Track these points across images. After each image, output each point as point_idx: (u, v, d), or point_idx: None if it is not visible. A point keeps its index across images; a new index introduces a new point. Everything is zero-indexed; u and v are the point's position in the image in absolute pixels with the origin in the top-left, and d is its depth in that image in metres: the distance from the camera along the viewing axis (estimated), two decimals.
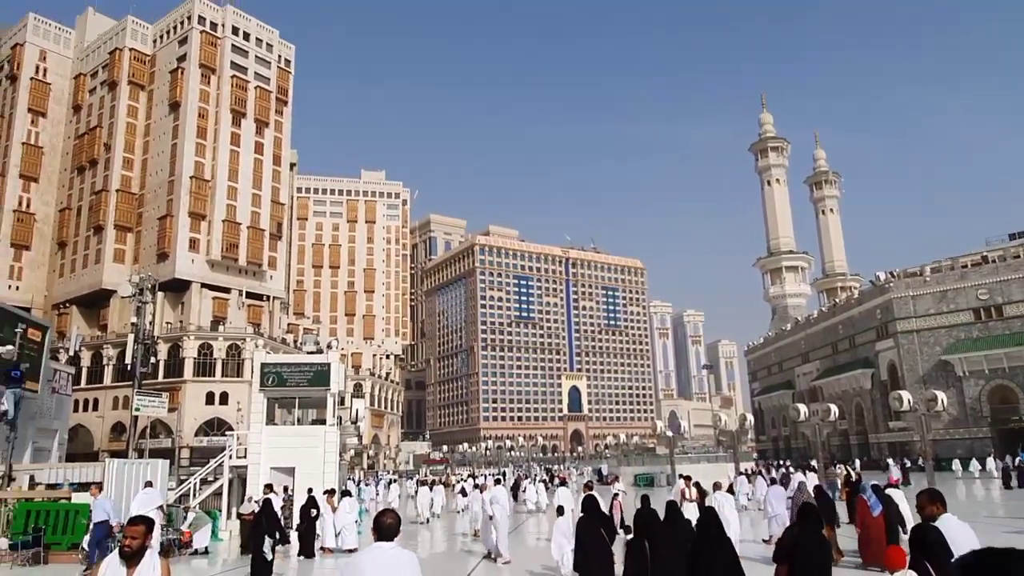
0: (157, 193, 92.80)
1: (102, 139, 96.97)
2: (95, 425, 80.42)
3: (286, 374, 25.53)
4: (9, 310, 43.94)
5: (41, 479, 25.00)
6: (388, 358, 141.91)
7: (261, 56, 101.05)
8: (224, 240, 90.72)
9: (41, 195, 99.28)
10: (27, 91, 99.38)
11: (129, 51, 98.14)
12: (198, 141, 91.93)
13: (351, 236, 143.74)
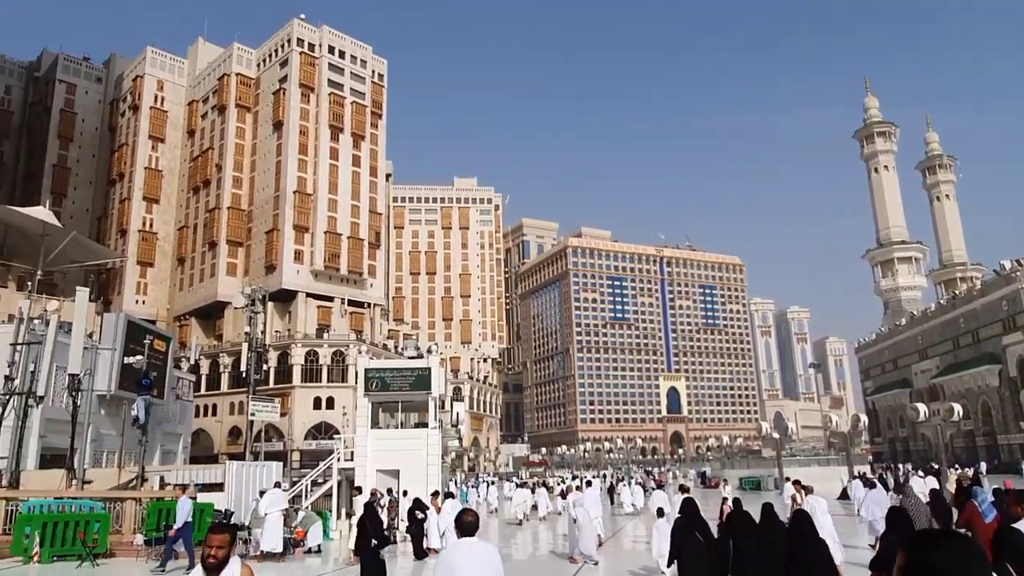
0: (264, 208, 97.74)
1: (214, 160, 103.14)
2: (214, 429, 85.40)
3: (389, 379, 26.26)
4: (138, 323, 47.39)
5: (170, 480, 26.77)
6: (485, 361, 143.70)
7: (356, 72, 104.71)
8: (326, 251, 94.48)
9: (162, 215, 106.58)
10: (147, 119, 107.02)
11: (235, 76, 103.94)
12: (300, 157, 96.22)
13: (446, 242, 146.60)
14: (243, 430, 79.77)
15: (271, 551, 18.19)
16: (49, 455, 35.36)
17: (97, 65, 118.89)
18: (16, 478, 23.23)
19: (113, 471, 28.21)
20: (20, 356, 25.26)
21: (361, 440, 26.24)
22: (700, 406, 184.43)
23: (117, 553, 18.60)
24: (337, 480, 26.27)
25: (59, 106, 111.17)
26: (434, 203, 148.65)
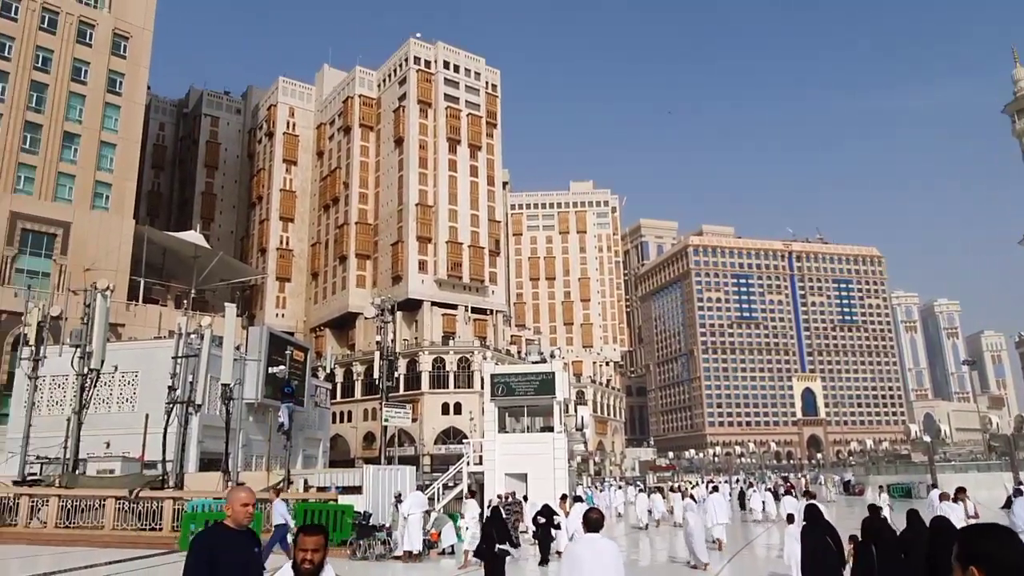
0: (389, 222, 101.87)
1: (341, 179, 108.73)
2: (350, 435, 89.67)
3: (514, 384, 26.60)
4: (280, 335, 50.59)
5: (313, 483, 28.35)
6: (607, 365, 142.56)
7: (470, 85, 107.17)
8: (449, 260, 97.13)
9: (296, 233, 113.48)
10: (281, 144, 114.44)
11: (358, 98, 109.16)
12: (420, 171, 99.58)
13: (564, 247, 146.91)
14: (377, 435, 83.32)
15: (413, 551, 18.80)
16: (207, 459, 38.35)
17: (236, 98, 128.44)
18: (180, 479, 25.39)
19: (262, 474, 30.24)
20: (180, 368, 27.62)
21: (489, 444, 26.72)
22: (839, 408, 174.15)
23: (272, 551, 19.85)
24: (467, 483, 26.89)
25: (205, 138, 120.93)
26: (551, 208, 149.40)
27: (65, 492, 23.19)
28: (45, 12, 74.27)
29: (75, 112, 74.75)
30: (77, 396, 27.71)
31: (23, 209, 69.79)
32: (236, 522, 4.74)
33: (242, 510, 4.72)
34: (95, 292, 27.81)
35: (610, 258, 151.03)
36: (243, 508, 4.72)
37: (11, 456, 31.55)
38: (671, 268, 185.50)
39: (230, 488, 4.63)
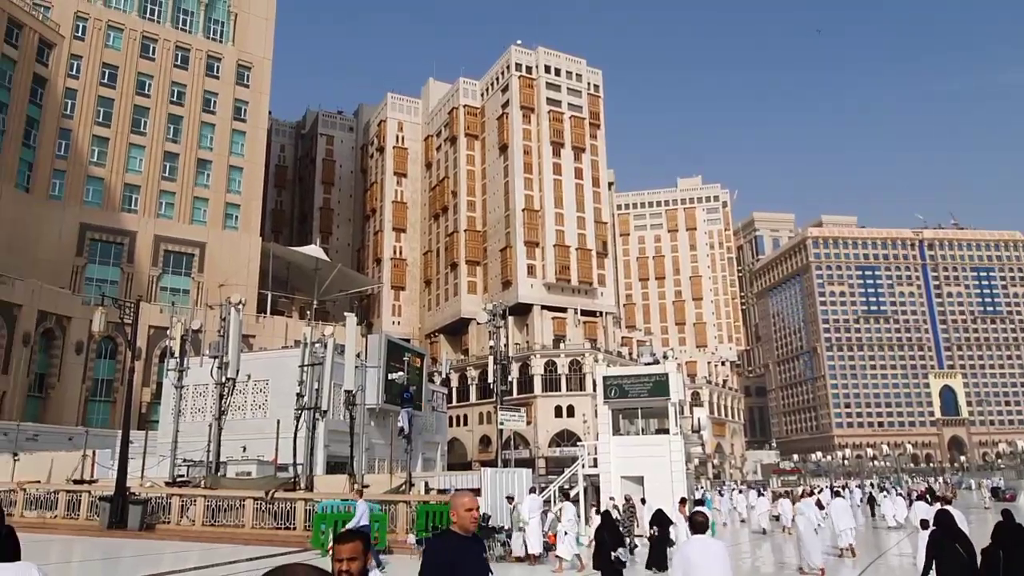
0: (496, 228, 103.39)
1: (449, 188, 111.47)
2: (466, 438, 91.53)
3: (627, 386, 26.33)
4: (397, 342, 52.41)
5: (433, 485, 29.17)
6: (723, 365, 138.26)
7: (572, 87, 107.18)
8: (556, 263, 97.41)
9: (408, 242, 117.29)
10: (391, 158, 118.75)
11: (463, 108, 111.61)
12: (526, 176, 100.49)
13: (673, 245, 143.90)
14: (492, 438, 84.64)
15: (535, 553, 18.91)
16: (333, 462, 40.29)
17: (349, 116, 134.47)
18: (310, 482, 26.80)
19: (385, 477, 31.41)
20: (306, 376, 29.19)
21: (603, 447, 26.57)
22: (985, 407, 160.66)
23: (394, 550, 20.63)
24: (583, 486, 26.84)
25: (321, 156, 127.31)
26: (658, 207, 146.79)
27: (209, 493, 25.02)
28: (178, 50, 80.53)
29: (206, 140, 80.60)
30: (216, 403, 29.85)
31: (165, 232, 75.88)
32: (463, 528, 4.64)
33: (468, 515, 4.64)
34: (229, 306, 29.86)
35: (722, 255, 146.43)
36: (468, 513, 4.65)
37: (162, 459, 34.36)
38: (789, 262, 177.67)
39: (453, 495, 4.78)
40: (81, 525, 25.13)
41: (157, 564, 18.21)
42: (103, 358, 67.71)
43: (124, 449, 25.58)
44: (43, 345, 63.43)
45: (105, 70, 75.67)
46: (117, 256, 72.88)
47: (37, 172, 70.13)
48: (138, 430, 41.13)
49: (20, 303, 60.65)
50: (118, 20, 77.16)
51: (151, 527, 23.96)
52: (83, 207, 71.81)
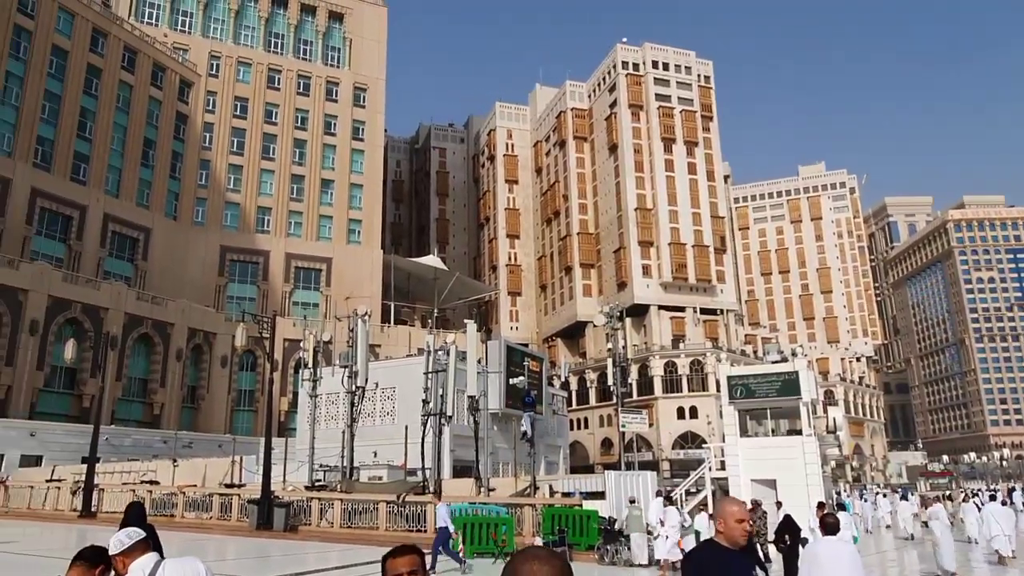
0: (609, 229, 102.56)
1: (560, 192, 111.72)
2: (587, 441, 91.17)
3: (753, 385, 25.39)
4: (516, 347, 53.02)
5: (557, 488, 29.27)
6: (858, 360, 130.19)
7: (681, 80, 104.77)
8: (673, 262, 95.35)
9: (522, 248, 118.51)
10: (502, 166, 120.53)
11: (571, 111, 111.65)
12: (637, 175, 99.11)
13: (797, 237, 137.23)
14: (614, 441, 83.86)
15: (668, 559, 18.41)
16: (459, 466, 41.25)
17: (459, 128, 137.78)
18: (439, 485, 27.57)
19: (510, 480, 31.85)
20: (431, 382, 30.09)
21: (731, 449, 25.73)
22: None
23: None
24: (711, 489, 26.09)
25: (435, 169, 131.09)
26: (779, 198, 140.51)
27: (345, 496, 26.27)
28: (300, 78, 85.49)
29: (328, 161, 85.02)
30: (348, 411, 31.33)
31: (295, 250, 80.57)
32: (731, 540, 4.11)
33: (737, 527, 4.13)
34: (356, 318, 31.30)
35: (852, 244, 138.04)
36: (739, 525, 4.13)
37: (301, 465, 36.45)
38: (928, 249, 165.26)
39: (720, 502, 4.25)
40: (233, 526, 27.06)
41: (303, 563, 19.33)
42: (245, 370, 72.69)
43: (267, 456, 27.33)
44: (193, 360, 68.92)
45: (237, 103, 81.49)
46: (253, 274, 78.16)
47: (182, 201, 76.44)
48: (278, 437, 43.82)
49: (173, 322, 66.25)
50: (246, 56, 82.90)
51: (294, 528, 25.44)
52: (223, 231, 77.56)
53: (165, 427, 62.03)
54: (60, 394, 59.05)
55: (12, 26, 62.56)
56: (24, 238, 61.07)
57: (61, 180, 64.84)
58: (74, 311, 58.82)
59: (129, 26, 73.94)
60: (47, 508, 32.59)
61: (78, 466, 39.25)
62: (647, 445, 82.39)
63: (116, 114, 70.47)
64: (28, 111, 63.03)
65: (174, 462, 39.37)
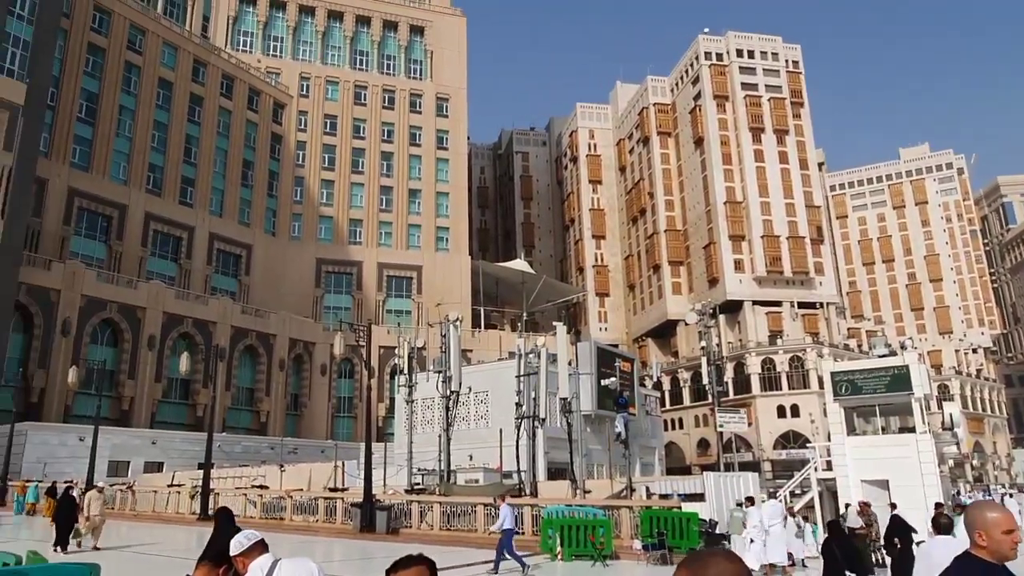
0: (698, 225, 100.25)
1: (646, 189, 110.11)
2: (683, 441, 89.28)
3: (859, 381, 24.21)
4: (607, 349, 52.60)
5: (654, 490, 28.81)
6: (975, 352, 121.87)
7: (768, 67, 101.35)
8: (766, 255, 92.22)
9: (608, 249, 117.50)
10: (585, 166, 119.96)
11: (653, 106, 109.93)
12: (725, 168, 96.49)
13: (900, 223, 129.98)
14: (711, 441, 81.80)
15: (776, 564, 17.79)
16: (553, 468, 41.26)
17: (541, 131, 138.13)
18: (534, 487, 27.67)
19: (606, 482, 31.59)
20: (523, 386, 30.25)
21: (837, 448, 24.59)
22: None
23: (621, 556, 20.63)
24: (817, 491, 25.02)
25: (518, 173, 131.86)
26: (879, 183, 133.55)
27: (444, 499, 26.74)
28: (385, 93, 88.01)
29: (415, 171, 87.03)
30: (443, 415, 31.91)
31: (386, 259, 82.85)
32: (998, 555, 3.40)
33: (1006, 540, 3.38)
34: (448, 324, 31.85)
35: (962, 228, 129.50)
36: (1007, 537, 3.39)
37: (400, 468, 37.37)
38: None
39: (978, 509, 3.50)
40: (338, 528, 28.03)
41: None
42: (343, 378, 75.29)
43: (368, 460, 28.17)
44: (295, 369, 71.95)
45: (326, 120, 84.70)
46: (348, 285, 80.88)
47: (280, 217, 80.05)
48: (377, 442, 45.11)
49: (275, 333, 69.40)
50: (334, 74, 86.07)
51: (396, 531, 26.10)
52: (318, 243, 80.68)
53: (271, 434, 65.05)
54: (176, 404, 62.92)
55: (123, 63, 67.33)
56: (140, 259, 65.49)
57: (171, 203, 69.19)
58: (186, 326, 62.59)
59: (226, 55, 78.16)
60: (169, 511, 34.73)
61: (195, 471, 41.67)
62: (746, 445, 79.92)
63: (217, 138, 74.66)
64: (140, 141, 67.64)
65: (281, 467, 41.16)
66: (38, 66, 53.10)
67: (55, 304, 54.92)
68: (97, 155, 64.41)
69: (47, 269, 55.33)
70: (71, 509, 20.08)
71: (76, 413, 54.14)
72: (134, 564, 18.81)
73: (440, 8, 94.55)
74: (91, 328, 57.26)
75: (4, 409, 49.33)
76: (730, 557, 2.33)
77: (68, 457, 46.62)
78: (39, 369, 53.62)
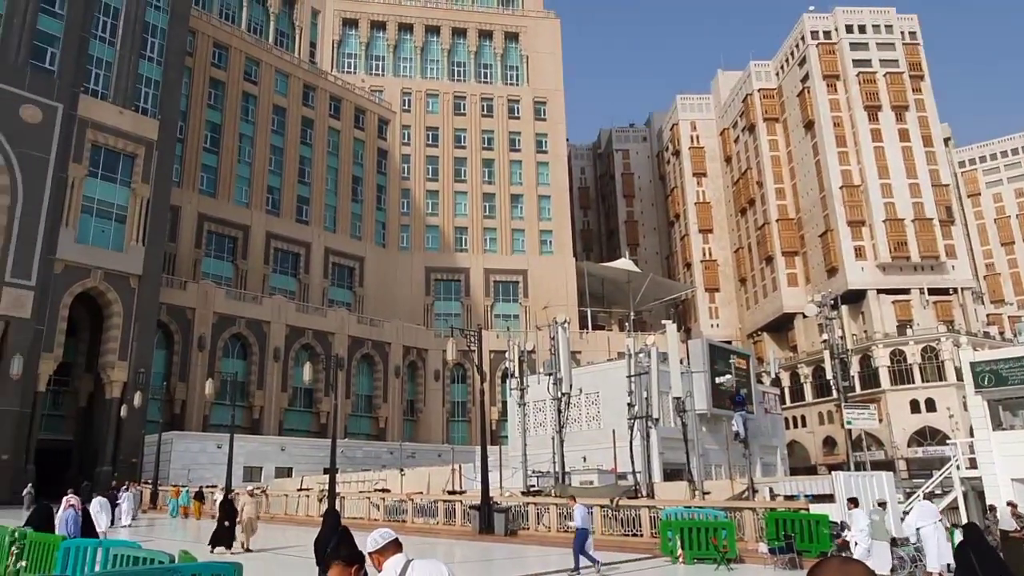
0: (812, 212, 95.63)
1: (754, 179, 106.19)
2: (807, 440, 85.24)
3: (1004, 371, 22.33)
4: (719, 346, 51.10)
5: (778, 491, 27.66)
6: None
7: (882, 42, 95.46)
8: (890, 240, 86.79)
9: (717, 242, 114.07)
10: (688, 159, 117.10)
11: (757, 92, 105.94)
12: (839, 150, 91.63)
13: None
14: (837, 439, 77.68)
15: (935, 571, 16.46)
16: (668, 469, 40.42)
17: (640, 127, 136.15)
18: (651, 489, 27.20)
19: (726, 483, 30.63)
20: (634, 386, 29.83)
21: (982, 445, 22.74)
22: None
23: (745, 560, 19.91)
24: (961, 491, 23.22)
25: (619, 171, 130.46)
26: (1015, 155, 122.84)
27: (560, 501, 26.74)
28: (483, 101, 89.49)
29: (516, 176, 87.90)
30: (555, 417, 31.94)
31: (492, 265, 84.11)
32: None
33: None
34: (556, 326, 31.88)
35: None
36: None
37: (515, 471, 37.73)
38: None
39: None
40: (458, 531, 28.60)
41: (525, 566, 19.94)
42: (456, 383, 76.92)
43: (484, 463, 28.59)
44: (409, 375, 74.19)
45: (428, 132, 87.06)
46: (456, 291, 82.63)
47: (388, 229, 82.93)
48: (492, 445, 45.76)
49: (389, 341, 71.87)
50: (433, 87, 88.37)
51: (514, 533, 26.33)
52: (425, 253, 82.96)
53: (390, 439, 67.34)
54: (301, 412, 66.33)
55: (241, 93, 71.89)
56: (263, 276, 69.57)
57: (288, 222, 73.15)
58: (307, 337, 65.91)
59: (332, 77, 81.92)
60: (299, 514, 36.58)
61: (321, 476, 43.72)
62: (877, 443, 75.37)
63: (328, 158, 78.36)
64: (259, 165, 71.96)
65: (401, 471, 42.50)
66: (168, 103, 57.53)
67: (191, 322, 59.23)
68: (222, 181, 69.01)
69: (183, 289, 59.76)
70: (231, 513, 21.51)
71: (213, 422, 58.10)
72: (274, 564, 19.94)
73: (534, 12, 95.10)
74: (223, 342, 61.34)
75: (152, 420, 53.67)
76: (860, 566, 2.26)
77: (208, 463, 50.09)
78: (180, 382, 57.95)
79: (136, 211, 53.59)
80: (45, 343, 47.60)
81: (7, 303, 45.84)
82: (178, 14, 59.64)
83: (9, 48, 48.63)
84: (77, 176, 50.59)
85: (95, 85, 53.29)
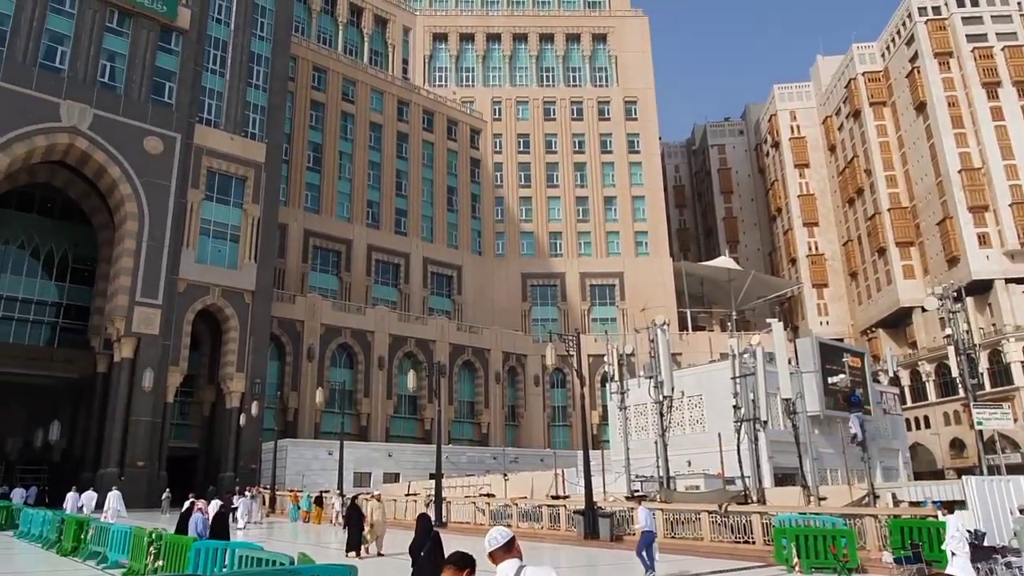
0: (927, 200, 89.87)
1: (861, 167, 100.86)
2: (931, 442, 79.95)
3: None
4: (830, 344, 48.80)
5: (902, 497, 26.07)
6: None
7: (997, 14, 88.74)
8: (1018, 225, 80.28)
9: (823, 235, 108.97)
10: (789, 151, 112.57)
11: (862, 76, 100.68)
12: (956, 132, 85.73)
13: None
14: (966, 441, 72.41)
15: None
16: (780, 473, 38.85)
17: (736, 120, 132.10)
18: (762, 494, 26.22)
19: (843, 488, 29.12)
20: (740, 387, 28.89)
21: None
22: None
23: (868, 569, 18.86)
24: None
25: (716, 167, 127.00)
26: None
27: (666, 507, 26.22)
28: (572, 104, 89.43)
29: (608, 178, 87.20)
30: (658, 421, 31.36)
31: (588, 268, 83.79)
32: None
33: None
34: (655, 328, 31.34)
35: None
36: None
37: (618, 476, 37.30)
38: None
39: None
40: (562, 535, 28.54)
41: (632, 571, 19.63)
42: (555, 387, 76.92)
43: (587, 468, 28.43)
44: (510, 381, 74.78)
45: (519, 139, 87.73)
46: (553, 296, 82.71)
47: (484, 237, 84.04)
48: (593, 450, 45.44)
49: (488, 347, 72.77)
50: (523, 95, 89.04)
51: (619, 538, 26.02)
52: (521, 259, 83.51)
53: (492, 444, 68.08)
54: (406, 419, 68.11)
55: (339, 113, 74.89)
56: (366, 287, 72.02)
57: (388, 234, 75.46)
58: (409, 345, 67.70)
59: (424, 92, 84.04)
60: (408, 518, 37.55)
61: (427, 481, 44.70)
62: (1012, 445, 69.77)
63: (423, 170, 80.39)
64: (358, 180, 74.67)
65: (505, 476, 42.85)
66: (273, 127, 60.65)
67: (300, 333, 62.05)
68: (325, 198, 72.03)
69: (292, 303, 62.71)
70: (359, 518, 22.27)
71: (324, 430, 60.54)
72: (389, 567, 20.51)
73: (621, 12, 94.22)
74: (330, 353, 63.89)
75: (268, 428, 56.50)
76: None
77: (320, 469, 52.21)
78: (292, 391, 60.78)
79: (248, 230, 56.70)
80: (172, 357, 51.03)
81: (138, 321, 49.47)
82: (280, 42, 62.79)
83: (133, 86, 52.63)
84: (195, 200, 54.07)
85: (208, 114, 56.86)
